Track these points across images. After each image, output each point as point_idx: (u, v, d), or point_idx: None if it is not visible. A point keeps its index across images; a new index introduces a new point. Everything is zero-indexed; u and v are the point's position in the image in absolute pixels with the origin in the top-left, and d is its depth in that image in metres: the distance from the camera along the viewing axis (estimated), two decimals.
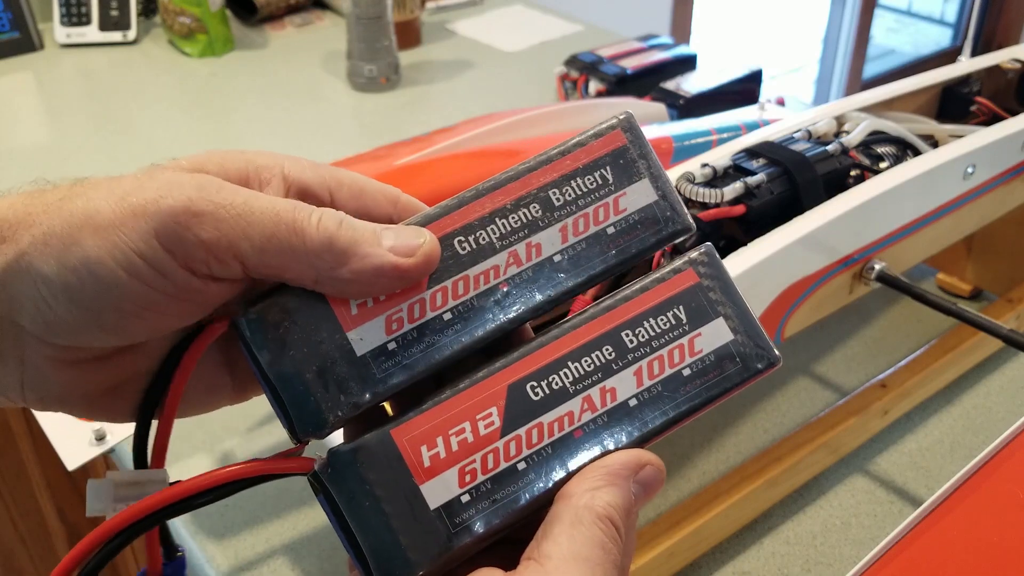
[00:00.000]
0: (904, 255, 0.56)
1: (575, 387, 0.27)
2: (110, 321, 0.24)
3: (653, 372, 0.27)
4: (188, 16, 1.17)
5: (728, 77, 0.97)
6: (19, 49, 1.19)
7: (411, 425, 0.26)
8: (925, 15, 3.49)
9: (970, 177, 0.57)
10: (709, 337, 0.28)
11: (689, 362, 0.28)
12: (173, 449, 0.24)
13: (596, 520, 0.25)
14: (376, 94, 1.10)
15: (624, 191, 0.28)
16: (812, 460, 0.56)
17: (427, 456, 0.26)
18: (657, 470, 0.27)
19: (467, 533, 0.25)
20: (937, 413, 0.63)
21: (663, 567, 0.50)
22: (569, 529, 0.25)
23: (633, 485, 0.26)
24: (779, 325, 0.50)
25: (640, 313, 0.28)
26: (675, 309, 0.28)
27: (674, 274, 0.28)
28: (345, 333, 0.26)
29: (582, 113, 0.81)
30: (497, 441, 0.26)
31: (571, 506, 0.25)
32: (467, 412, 0.26)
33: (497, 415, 0.26)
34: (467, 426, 0.26)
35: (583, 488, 0.26)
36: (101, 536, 0.25)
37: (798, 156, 0.52)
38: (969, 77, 0.68)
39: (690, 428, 0.61)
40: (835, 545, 0.54)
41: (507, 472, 0.26)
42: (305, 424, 0.26)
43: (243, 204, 0.24)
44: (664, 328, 0.28)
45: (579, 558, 0.24)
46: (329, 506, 0.26)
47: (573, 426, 0.27)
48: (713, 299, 0.28)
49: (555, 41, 1.25)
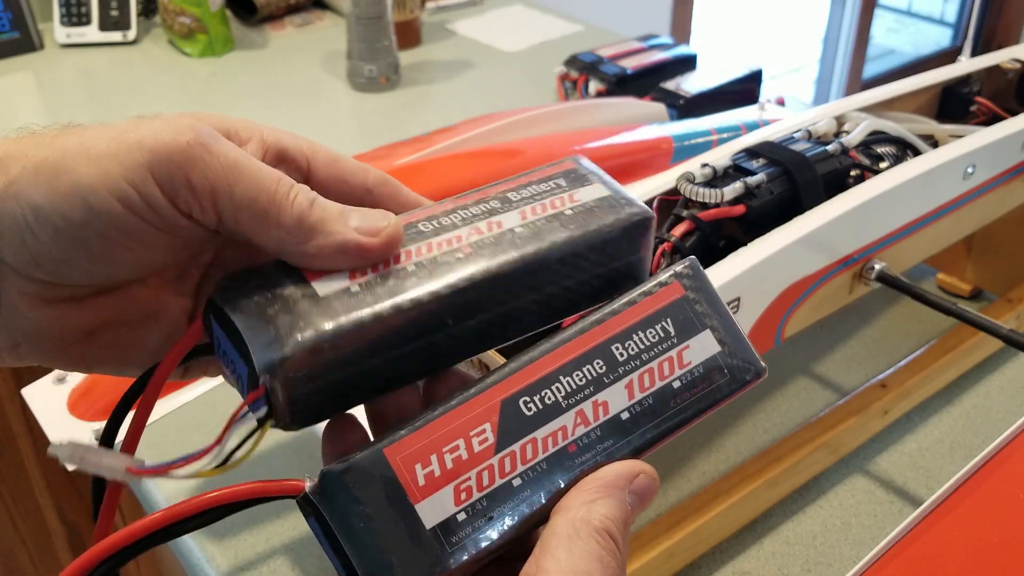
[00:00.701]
0: (904, 255, 0.56)
1: (567, 401, 0.27)
2: (96, 248, 0.25)
3: (644, 385, 0.28)
4: (188, 16, 1.17)
5: (728, 77, 0.97)
6: (19, 49, 1.19)
7: (404, 443, 0.25)
8: (925, 15, 3.49)
9: (970, 177, 0.57)
10: (697, 350, 0.29)
11: (679, 374, 0.28)
12: (171, 451, 0.24)
13: (593, 533, 0.25)
14: (376, 94, 1.10)
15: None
16: (812, 460, 0.56)
17: (421, 475, 0.25)
18: (651, 479, 0.27)
19: (464, 552, 0.25)
20: (937, 413, 0.63)
21: (663, 567, 0.50)
22: (567, 543, 0.25)
23: (628, 495, 0.26)
24: (779, 325, 0.50)
25: (629, 327, 0.28)
26: (663, 322, 0.28)
27: (660, 287, 0.29)
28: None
29: (582, 113, 0.81)
30: (492, 458, 0.26)
31: (568, 519, 0.25)
32: (460, 429, 0.26)
33: (491, 431, 0.26)
34: (461, 443, 0.26)
35: (579, 501, 0.26)
36: (86, 564, 0.23)
37: (798, 156, 0.52)
38: (969, 77, 0.68)
39: (690, 429, 0.61)
40: (835, 545, 0.54)
41: (503, 489, 0.26)
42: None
43: (234, 161, 0.25)
44: (653, 341, 0.28)
45: (577, 572, 0.24)
46: (321, 529, 0.25)
47: (567, 440, 0.27)
48: (700, 311, 0.29)
49: (555, 41, 1.25)
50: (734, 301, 0.46)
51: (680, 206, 0.50)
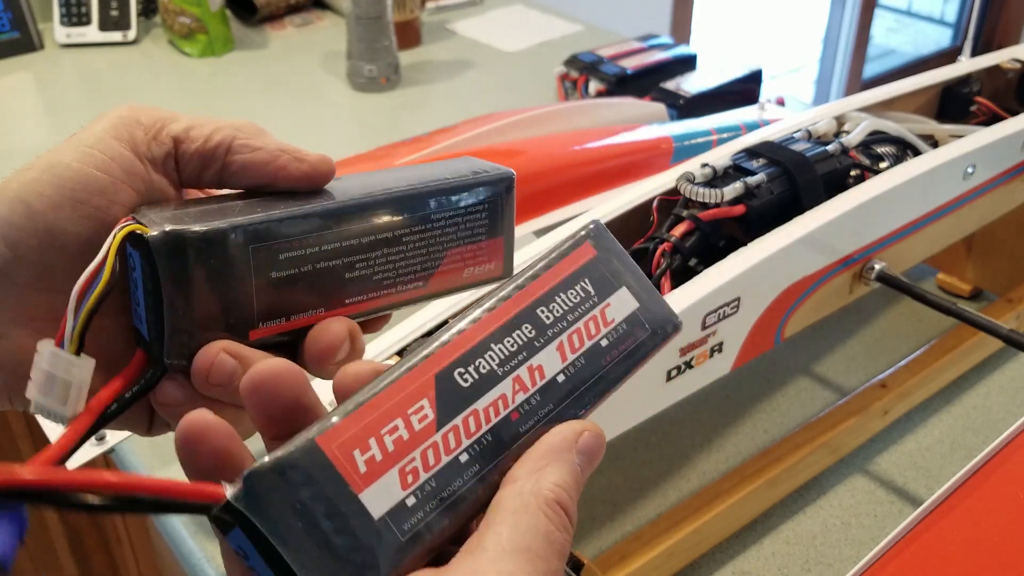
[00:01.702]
0: (904, 255, 0.56)
1: (503, 369, 0.26)
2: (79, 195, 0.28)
3: (574, 346, 0.28)
4: (188, 16, 1.17)
5: (728, 77, 0.97)
6: (19, 49, 1.19)
7: (338, 430, 0.23)
8: (925, 15, 3.49)
9: (970, 177, 0.57)
10: (617, 307, 0.29)
11: (605, 332, 0.29)
12: (171, 450, 0.24)
13: (543, 506, 0.24)
14: (376, 94, 1.10)
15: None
16: (812, 460, 0.56)
17: (361, 461, 0.23)
18: (595, 435, 0.26)
19: (419, 540, 0.23)
20: (937, 413, 0.63)
21: (663, 567, 0.50)
22: (511, 518, 0.23)
23: (576, 457, 0.25)
24: (779, 325, 0.50)
25: (551, 289, 0.28)
26: (582, 282, 0.29)
27: (573, 248, 0.29)
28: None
29: (582, 113, 0.81)
30: (435, 435, 0.25)
31: (515, 491, 0.24)
32: (397, 408, 0.24)
33: (429, 407, 0.25)
34: (400, 423, 0.24)
35: (526, 471, 0.25)
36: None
37: (798, 156, 0.52)
38: (969, 77, 0.68)
39: (690, 428, 0.61)
40: (835, 545, 0.54)
41: (450, 466, 0.24)
42: None
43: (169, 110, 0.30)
44: (575, 302, 0.28)
45: (519, 549, 0.23)
46: (250, 540, 0.22)
47: (508, 409, 0.26)
48: (613, 270, 0.29)
49: (555, 41, 1.25)
50: (734, 301, 0.46)
51: (680, 206, 0.50)
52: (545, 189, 0.66)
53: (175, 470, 0.23)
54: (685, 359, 0.46)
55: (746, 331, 0.48)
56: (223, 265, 0.27)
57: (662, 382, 0.46)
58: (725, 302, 0.46)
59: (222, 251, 0.27)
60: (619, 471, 0.58)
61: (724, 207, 0.49)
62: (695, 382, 0.48)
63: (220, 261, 0.27)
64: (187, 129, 0.29)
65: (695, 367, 0.47)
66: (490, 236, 0.33)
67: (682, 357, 0.46)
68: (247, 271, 0.28)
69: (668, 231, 0.49)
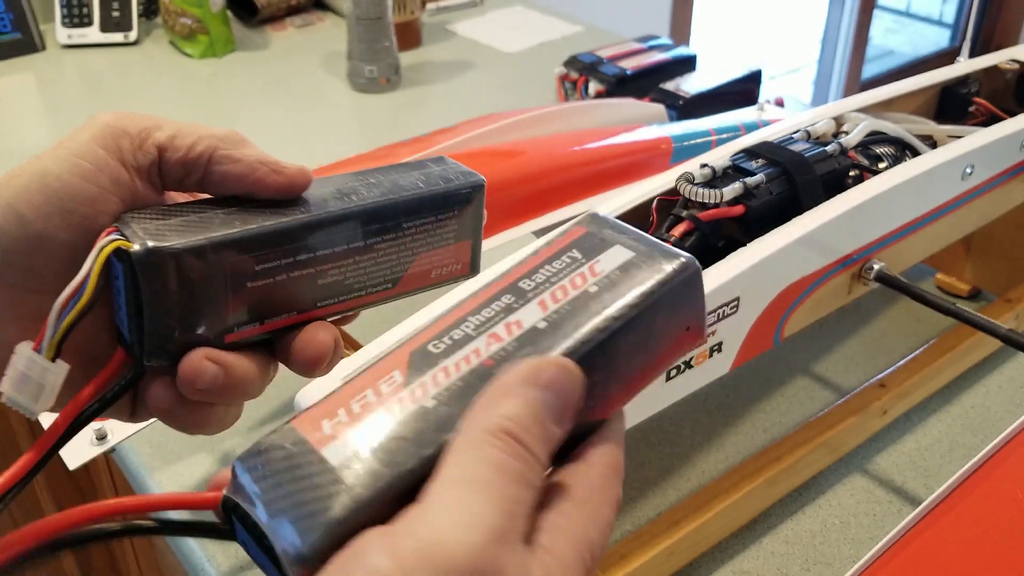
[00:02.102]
0: (903, 255, 0.56)
1: (478, 331, 0.26)
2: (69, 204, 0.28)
3: (557, 298, 0.26)
4: (189, 17, 1.17)
5: (727, 78, 0.97)
6: (20, 50, 1.19)
7: (311, 412, 0.25)
8: (924, 16, 3.49)
9: (969, 177, 0.57)
10: (609, 260, 0.27)
11: (593, 281, 0.26)
12: (172, 450, 0.24)
13: (487, 437, 0.22)
14: (376, 95, 1.10)
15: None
16: (811, 460, 0.56)
17: (329, 426, 0.24)
18: (560, 368, 0.24)
19: (378, 481, 0.23)
20: (936, 413, 0.63)
21: (663, 566, 0.50)
22: (454, 457, 0.22)
23: (539, 392, 0.23)
24: (778, 325, 0.50)
25: (535, 265, 0.28)
26: (570, 252, 0.28)
27: (563, 233, 0.29)
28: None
29: (582, 114, 0.81)
30: (402, 391, 0.24)
31: (462, 431, 0.23)
32: (368, 381, 0.25)
33: (400, 374, 0.25)
34: (369, 391, 0.25)
35: (475, 410, 0.23)
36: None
37: (797, 156, 0.52)
38: (968, 78, 0.68)
39: (690, 427, 0.62)
40: (834, 544, 0.54)
41: (414, 412, 0.24)
42: None
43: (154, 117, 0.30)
44: (561, 267, 0.27)
45: (464, 480, 0.21)
46: (248, 533, 0.23)
47: (481, 358, 0.25)
48: (606, 236, 0.28)
49: (555, 42, 1.25)
50: (733, 301, 0.47)
51: (679, 206, 0.50)
52: (545, 189, 0.66)
53: (175, 470, 0.24)
54: (685, 359, 0.46)
55: (745, 331, 0.48)
56: (201, 277, 0.28)
57: (662, 381, 0.46)
58: (724, 302, 0.46)
59: (201, 265, 0.28)
60: None
61: (723, 207, 0.49)
62: (695, 382, 0.48)
63: (198, 273, 0.28)
64: (171, 138, 0.30)
65: (694, 367, 0.47)
66: (458, 240, 0.34)
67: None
68: (224, 282, 0.29)
69: (667, 231, 0.49)
